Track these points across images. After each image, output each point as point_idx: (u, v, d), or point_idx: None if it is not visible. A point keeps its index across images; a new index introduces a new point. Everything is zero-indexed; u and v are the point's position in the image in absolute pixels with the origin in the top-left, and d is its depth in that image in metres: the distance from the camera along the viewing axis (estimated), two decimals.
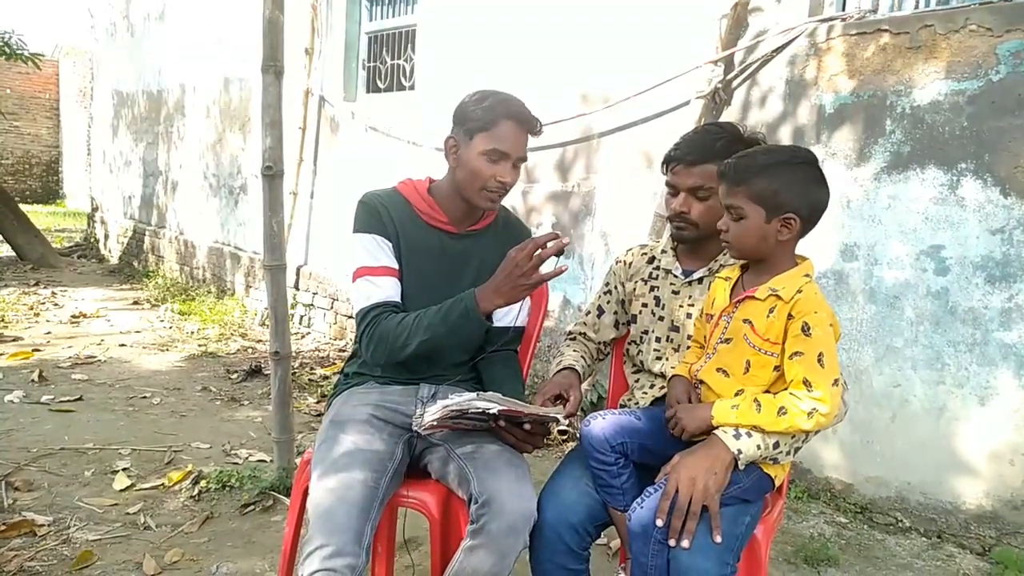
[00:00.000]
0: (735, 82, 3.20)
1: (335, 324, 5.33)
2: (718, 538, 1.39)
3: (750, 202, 1.43)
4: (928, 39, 2.64)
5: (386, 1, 5.23)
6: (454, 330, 1.65)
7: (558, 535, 1.56)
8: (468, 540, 1.50)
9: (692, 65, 3.23)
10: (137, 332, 5.30)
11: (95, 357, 4.52)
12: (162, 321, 5.71)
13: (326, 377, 4.36)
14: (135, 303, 6.41)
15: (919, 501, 2.73)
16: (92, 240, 9.51)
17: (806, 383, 1.39)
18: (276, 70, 2.60)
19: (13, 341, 4.78)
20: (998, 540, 2.55)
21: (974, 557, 2.57)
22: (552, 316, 3.92)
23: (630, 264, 1.88)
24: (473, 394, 1.56)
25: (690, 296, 1.74)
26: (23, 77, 14.97)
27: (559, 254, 1.55)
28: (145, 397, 3.85)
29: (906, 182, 2.72)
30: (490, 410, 1.51)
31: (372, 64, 5.31)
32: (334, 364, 4.62)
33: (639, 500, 1.47)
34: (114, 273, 8.01)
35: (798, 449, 1.50)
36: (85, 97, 12.60)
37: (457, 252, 1.81)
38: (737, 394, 1.48)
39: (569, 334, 1.97)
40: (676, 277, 1.77)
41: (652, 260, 1.84)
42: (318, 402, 3.92)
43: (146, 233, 8.00)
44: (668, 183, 1.72)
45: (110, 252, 8.90)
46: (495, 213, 1.87)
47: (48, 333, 5.09)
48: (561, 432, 1.61)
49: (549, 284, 2.09)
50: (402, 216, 1.80)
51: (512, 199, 3.98)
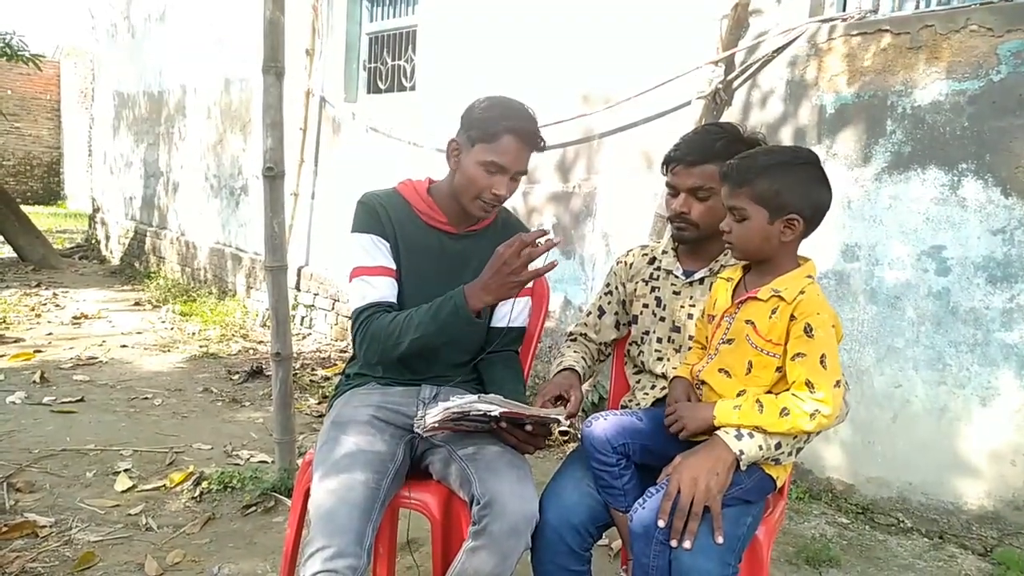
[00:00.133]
0: (736, 83, 3.20)
1: (336, 325, 5.33)
2: (720, 539, 1.39)
3: (753, 203, 1.43)
4: (929, 39, 2.64)
5: (387, 2, 5.23)
6: (444, 328, 1.64)
7: (560, 536, 1.56)
8: (470, 541, 1.50)
9: (693, 66, 3.24)
10: (138, 333, 5.30)
11: (96, 358, 4.53)
12: (163, 322, 5.72)
13: (327, 378, 4.36)
14: (136, 304, 6.42)
15: (920, 502, 2.73)
16: (93, 241, 9.52)
17: (808, 384, 1.39)
18: (277, 71, 2.61)
19: (14, 342, 4.79)
20: (1000, 540, 2.55)
21: (976, 558, 2.56)
22: (553, 317, 3.92)
23: (631, 265, 1.88)
24: (475, 396, 1.56)
25: (691, 297, 1.74)
26: (24, 78, 15.01)
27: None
28: (146, 398, 3.85)
29: (907, 182, 2.72)
30: (491, 412, 1.51)
31: (373, 65, 5.31)
32: (335, 365, 4.62)
33: (641, 501, 1.47)
34: (115, 274, 8.02)
35: (800, 450, 1.50)
36: (86, 98, 12.62)
37: (456, 252, 1.81)
38: (739, 395, 1.48)
39: (570, 335, 1.97)
40: (677, 278, 1.77)
41: (653, 261, 1.84)
42: (319, 403, 3.92)
43: (147, 234, 8.00)
44: (668, 184, 1.72)
45: (111, 253, 8.91)
46: (495, 214, 1.87)
47: (49, 334, 5.09)
48: (562, 433, 1.62)
49: (550, 285, 2.09)
50: (401, 216, 1.80)
51: (513, 199, 3.95)
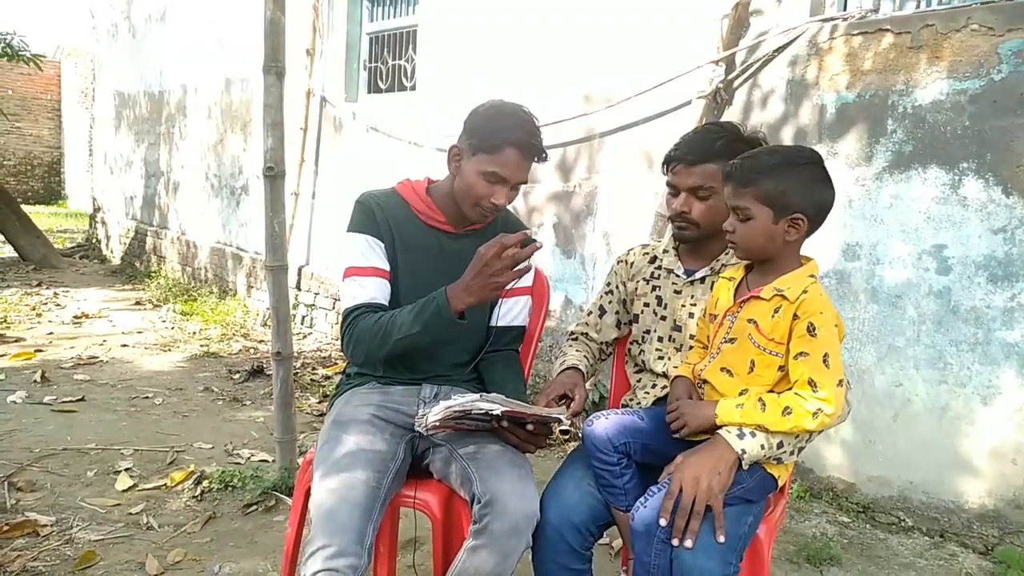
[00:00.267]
0: (736, 82, 3.20)
1: (337, 324, 5.33)
2: (721, 538, 1.39)
3: (757, 203, 1.42)
4: (930, 38, 2.64)
5: (387, 1, 5.23)
6: (427, 328, 1.63)
7: (560, 535, 1.56)
8: (471, 540, 1.50)
9: (693, 65, 3.23)
10: (139, 332, 5.31)
11: (97, 357, 4.53)
12: (164, 321, 5.72)
13: (328, 377, 4.36)
14: (137, 303, 6.42)
15: (921, 500, 2.73)
16: (94, 241, 9.52)
17: (811, 383, 1.39)
18: (278, 71, 2.61)
19: (15, 342, 4.79)
20: (1001, 539, 2.55)
21: (977, 556, 2.56)
22: (554, 316, 3.92)
23: (632, 264, 1.88)
24: (476, 395, 1.56)
25: (692, 296, 1.74)
26: (25, 78, 15.01)
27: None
28: (147, 397, 3.85)
29: (908, 182, 2.72)
30: (493, 411, 1.51)
31: (373, 64, 5.31)
32: (336, 364, 4.62)
33: (642, 499, 1.47)
34: (116, 274, 8.02)
35: (802, 449, 1.50)
36: (87, 98, 12.62)
37: (456, 251, 1.81)
38: (741, 393, 1.48)
39: (571, 334, 1.97)
40: (678, 277, 1.77)
41: (654, 260, 1.84)
42: (320, 402, 3.92)
43: (148, 234, 8.01)
44: (669, 183, 1.72)
45: (112, 253, 8.91)
46: None
47: (50, 334, 5.09)
48: (563, 432, 1.62)
49: (551, 284, 2.09)
50: (400, 216, 1.80)
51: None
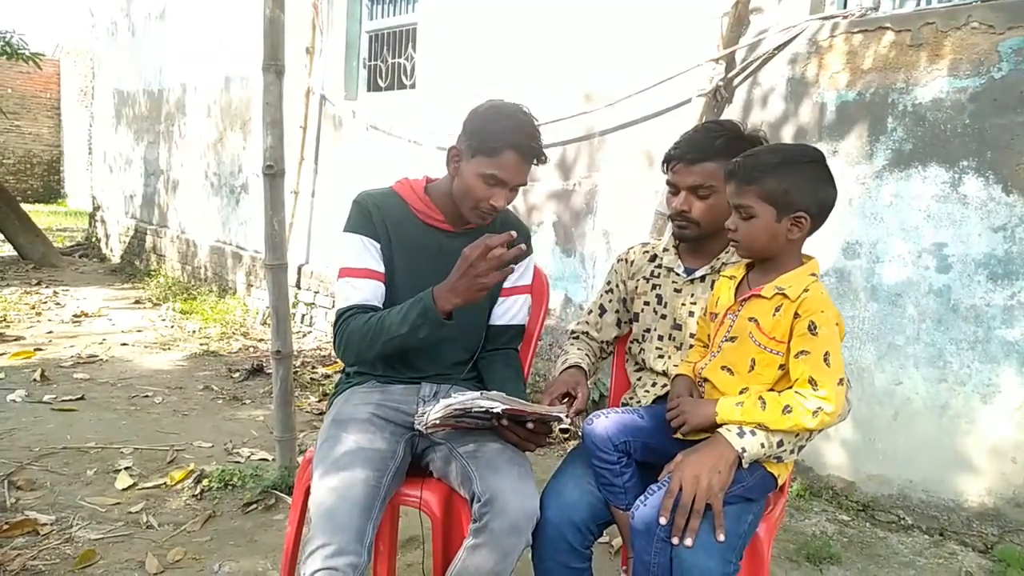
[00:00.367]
0: (736, 80, 3.20)
1: None
2: (721, 536, 1.39)
3: (760, 201, 1.42)
4: (930, 36, 2.64)
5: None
6: (415, 329, 1.62)
7: (560, 534, 1.56)
8: (470, 539, 1.50)
9: (693, 63, 3.23)
10: (139, 331, 5.30)
11: (97, 356, 4.53)
12: (164, 320, 5.72)
13: (328, 376, 4.36)
14: (137, 302, 6.41)
15: (921, 499, 2.73)
16: (93, 239, 9.51)
17: (812, 382, 1.39)
18: (277, 69, 2.60)
19: (15, 340, 4.79)
20: (1000, 538, 2.55)
21: (976, 555, 2.56)
22: (553, 315, 3.92)
23: (632, 262, 1.88)
24: (476, 393, 1.56)
25: (692, 294, 1.74)
26: (24, 76, 15.00)
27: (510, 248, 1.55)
28: (147, 396, 3.85)
29: (908, 180, 2.72)
30: (494, 409, 1.51)
31: (373, 63, 5.30)
32: (336, 363, 4.62)
33: (643, 498, 1.47)
34: (116, 272, 8.02)
35: (802, 448, 1.50)
36: (86, 96, 12.59)
37: (455, 250, 1.79)
38: (741, 392, 1.47)
39: (572, 333, 1.97)
40: (678, 275, 1.77)
41: (654, 258, 1.84)
42: (320, 401, 3.92)
43: (147, 232, 8.00)
44: (669, 182, 1.72)
45: (111, 251, 8.90)
46: None
47: (50, 332, 5.09)
48: (563, 430, 1.61)
49: (551, 283, 2.09)
50: (398, 216, 1.79)
51: None
